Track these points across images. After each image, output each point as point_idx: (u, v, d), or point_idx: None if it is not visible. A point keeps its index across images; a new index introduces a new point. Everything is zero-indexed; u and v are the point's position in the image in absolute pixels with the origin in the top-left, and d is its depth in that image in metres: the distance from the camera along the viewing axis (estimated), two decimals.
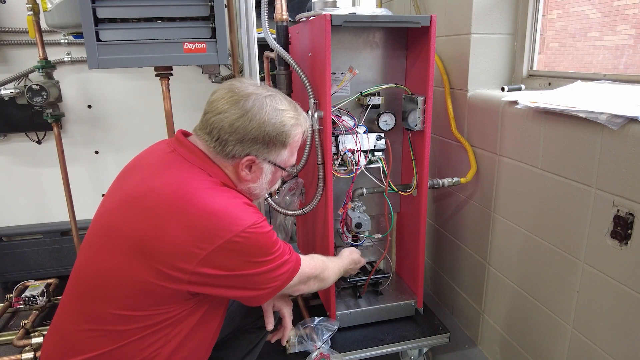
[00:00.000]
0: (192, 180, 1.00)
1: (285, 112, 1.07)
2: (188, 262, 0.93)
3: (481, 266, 1.73)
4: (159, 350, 1.01)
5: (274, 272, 1.04)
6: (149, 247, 0.94)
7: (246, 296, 1.04)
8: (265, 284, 1.04)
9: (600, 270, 1.19)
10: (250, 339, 1.42)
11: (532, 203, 1.43)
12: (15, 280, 2.21)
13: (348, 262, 1.47)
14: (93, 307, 1.00)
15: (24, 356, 1.65)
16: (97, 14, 1.38)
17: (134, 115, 2.29)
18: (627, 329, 1.13)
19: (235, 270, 0.98)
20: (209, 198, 0.97)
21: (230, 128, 1.02)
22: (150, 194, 0.98)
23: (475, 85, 1.71)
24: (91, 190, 2.34)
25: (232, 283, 1.00)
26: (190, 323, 1.05)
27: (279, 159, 1.10)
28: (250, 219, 0.98)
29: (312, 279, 1.22)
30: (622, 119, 1.06)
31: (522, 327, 1.54)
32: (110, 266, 0.98)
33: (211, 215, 0.95)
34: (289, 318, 1.35)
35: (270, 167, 1.10)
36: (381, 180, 1.58)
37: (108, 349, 0.98)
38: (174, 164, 1.04)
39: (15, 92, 1.98)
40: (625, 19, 1.39)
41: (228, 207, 0.98)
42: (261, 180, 1.11)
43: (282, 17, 1.61)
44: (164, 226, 0.94)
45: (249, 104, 1.03)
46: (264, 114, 1.03)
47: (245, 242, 0.97)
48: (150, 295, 0.96)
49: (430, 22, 1.43)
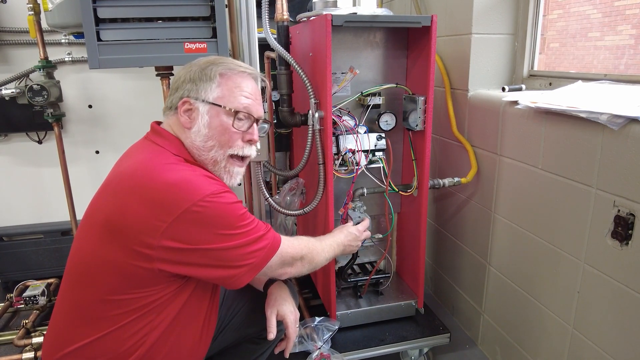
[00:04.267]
0: (154, 158, 1.02)
1: (218, 57, 1.14)
2: (152, 236, 0.93)
3: (482, 266, 1.73)
4: (145, 337, 1.01)
5: (246, 247, 1.01)
6: (115, 226, 0.96)
7: (221, 276, 1.01)
8: (238, 261, 1.01)
9: (600, 270, 1.19)
10: (252, 349, 1.41)
11: (532, 203, 1.43)
12: (15, 280, 2.21)
13: (343, 238, 1.42)
14: (79, 295, 1.01)
15: (25, 356, 1.65)
16: (98, 14, 1.38)
17: (135, 115, 2.29)
18: (628, 329, 1.13)
19: (200, 244, 0.96)
20: (168, 172, 0.98)
21: (172, 84, 1.13)
22: (118, 177, 1.03)
23: (475, 85, 1.71)
24: (91, 190, 2.28)
25: (201, 259, 0.98)
26: (174, 309, 1.04)
27: (211, 95, 1.07)
28: (210, 188, 0.98)
29: (298, 260, 1.18)
30: (623, 119, 1.06)
31: (522, 327, 1.54)
32: (89, 252, 1.00)
33: (170, 187, 0.95)
34: (293, 328, 1.27)
35: (206, 106, 1.07)
36: (382, 180, 1.59)
37: (93, 338, 0.99)
38: (143, 148, 1.09)
39: (16, 92, 1.98)
40: (626, 19, 1.39)
41: (187, 177, 0.98)
42: (198, 123, 1.07)
43: (282, 17, 1.61)
44: (127, 203, 0.96)
45: (193, 63, 1.12)
46: (196, 61, 1.12)
47: (206, 212, 0.95)
48: (129, 278, 0.97)
49: (431, 22, 1.43)
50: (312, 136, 1.50)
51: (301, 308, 1.83)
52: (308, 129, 1.51)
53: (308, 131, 1.51)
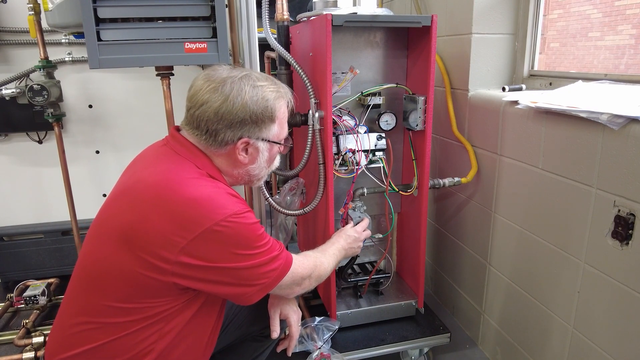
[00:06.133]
0: (177, 171, 1.01)
1: (265, 87, 1.08)
2: (169, 250, 0.93)
3: (482, 266, 1.73)
4: (153, 345, 1.01)
5: (261, 267, 1.02)
6: (133, 236, 0.95)
7: (234, 293, 1.02)
8: (252, 280, 1.02)
9: (601, 270, 1.19)
10: (255, 347, 1.41)
11: (532, 203, 1.43)
12: (16, 280, 2.21)
13: (343, 243, 1.44)
14: (88, 299, 1.01)
15: (25, 356, 1.65)
16: (98, 14, 1.38)
17: (135, 115, 2.29)
18: (628, 329, 1.12)
19: (218, 262, 0.97)
20: (193, 187, 0.97)
21: (216, 117, 1.03)
22: (137, 185, 1.01)
23: (476, 85, 1.70)
24: (92, 190, 2.33)
25: (217, 277, 0.99)
26: (184, 319, 1.04)
27: (271, 134, 1.11)
28: (233, 207, 0.98)
29: (306, 279, 1.19)
30: (623, 119, 1.06)
31: (522, 327, 1.54)
32: (102, 258, 0.99)
33: (193, 204, 0.95)
34: (296, 327, 1.29)
35: (265, 144, 1.11)
36: (382, 180, 1.58)
37: (102, 342, 0.98)
38: (164, 156, 1.07)
39: (16, 92, 1.98)
40: (627, 19, 1.39)
41: (211, 195, 0.98)
42: (259, 160, 1.12)
43: (283, 17, 1.61)
44: (147, 215, 0.95)
45: (227, 88, 1.04)
46: (245, 94, 1.04)
47: (227, 232, 0.96)
48: (140, 287, 0.97)
49: (431, 22, 1.43)
50: (312, 136, 1.50)
51: (301, 308, 1.82)
52: (308, 128, 1.51)
53: (308, 131, 1.51)
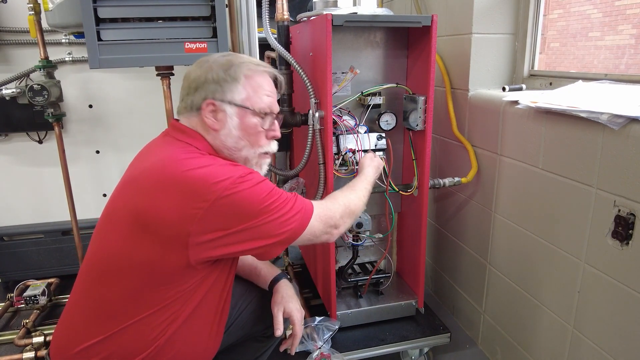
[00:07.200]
0: (177, 153, 1.04)
1: (232, 55, 1.14)
2: (190, 224, 0.95)
3: (482, 266, 1.73)
4: (167, 328, 1.03)
5: (280, 218, 1.03)
6: (147, 220, 0.97)
7: (258, 247, 1.03)
8: (274, 231, 1.03)
9: (601, 270, 1.19)
10: (257, 347, 1.42)
11: (533, 203, 1.43)
12: (16, 280, 2.21)
13: (373, 175, 1.41)
14: (101, 292, 1.02)
15: (25, 355, 1.65)
16: (99, 14, 1.38)
17: (135, 115, 2.29)
18: (628, 329, 1.12)
19: (237, 226, 0.98)
20: (193, 163, 1.00)
21: (190, 85, 1.11)
22: (143, 173, 1.03)
23: (476, 85, 1.70)
24: (92, 190, 2.33)
25: (238, 238, 1.00)
26: (195, 299, 1.06)
27: (237, 96, 1.09)
28: (237, 172, 1.00)
29: (339, 219, 1.17)
30: (623, 119, 1.06)
31: (522, 327, 1.54)
32: (114, 249, 1.01)
33: (200, 176, 0.97)
34: (300, 326, 1.29)
35: (233, 108, 1.09)
36: (382, 180, 1.58)
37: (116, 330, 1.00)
38: (165, 144, 1.10)
39: (16, 92, 1.98)
40: (627, 18, 1.38)
41: (215, 166, 1.00)
42: (228, 126, 1.09)
43: (283, 17, 1.61)
44: (157, 196, 0.97)
45: (203, 60, 1.13)
46: (212, 60, 1.12)
47: (238, 195, 0.97)
48: (155, 273, 0.99)
49: (431, 21, 1.43)
50: (312, 136, 1.50)
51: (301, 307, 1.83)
52: (308, 128, 1.51)
53: (308, 131, 1.51)
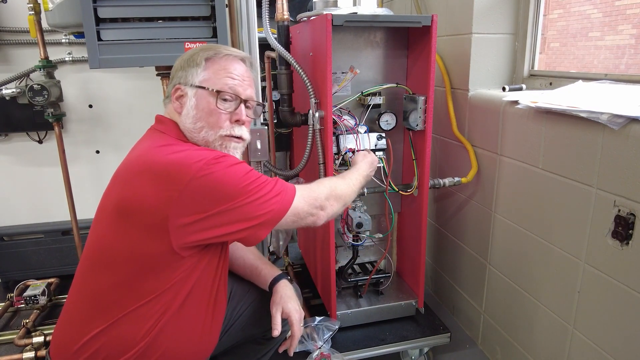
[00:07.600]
0: (156, 143, 1.07)
1: (210, 45, 1.18)
2: (167, 207, 0.95)
3: (482, 266, 1.73)
4: (160, 318, 1.03)
5: (260, 199, 1.02)
6: (127, 208, 0.98)
7: (240, 229, 1.02)
8: (255, 213, 1.02)
9: (601, 270, 1.19)
10: (257, 349, 1.42)
11: (533, 203, 1.43)
12: (16, 280, 2.21)
13: (366, 170, 1.39)
14: (93, 284, 1.03)
15: (25, 355, 1.66)
16: (99, 14, 1.38)
17: (135, 115, 2.29)
18: (628, 329, 1.12)
19: (215, 208, 0.98)
20: (168, 151, 1.02)
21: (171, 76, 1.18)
22: (126, 166, 1.07)
23: (476, 85, 1.70)
24: (92, 190, 2.33)
25: (220, 220, 0.99)
26: (186, 288, 1.06)
27: (197, 78, 1.11)
28: (210, 154, 1.01)
29: (325, 201, 1.15)
30: (623, 119, 1.06)
31: (522, 327, 1.54)
32: (103, 240, 1.03)
33: (174, 161, 0.99)
34: (298, 326, 1.28)
35: (193, 90, 1.11)
36: (382, 180, 1.58)
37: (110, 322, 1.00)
38: (147, 137, 1.14)
39: (16, 92, 1.98)
40: (627, 18, 1.38)
41: (190, 151, 1.02)
42: (187, 107, 1.11)
43: (283, 17, 1.61)
44: (135, 185, 0.99)
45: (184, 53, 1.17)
46: (189, 50, 1.17)
47: (213, 174, 0.98)
48: (142, 261, 1.00)
49: (431, 21, 1.43)
50: (312, 136, 1.50)
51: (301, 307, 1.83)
52: (308, 128, 1.51)
53: (308, 131, 1.51)
